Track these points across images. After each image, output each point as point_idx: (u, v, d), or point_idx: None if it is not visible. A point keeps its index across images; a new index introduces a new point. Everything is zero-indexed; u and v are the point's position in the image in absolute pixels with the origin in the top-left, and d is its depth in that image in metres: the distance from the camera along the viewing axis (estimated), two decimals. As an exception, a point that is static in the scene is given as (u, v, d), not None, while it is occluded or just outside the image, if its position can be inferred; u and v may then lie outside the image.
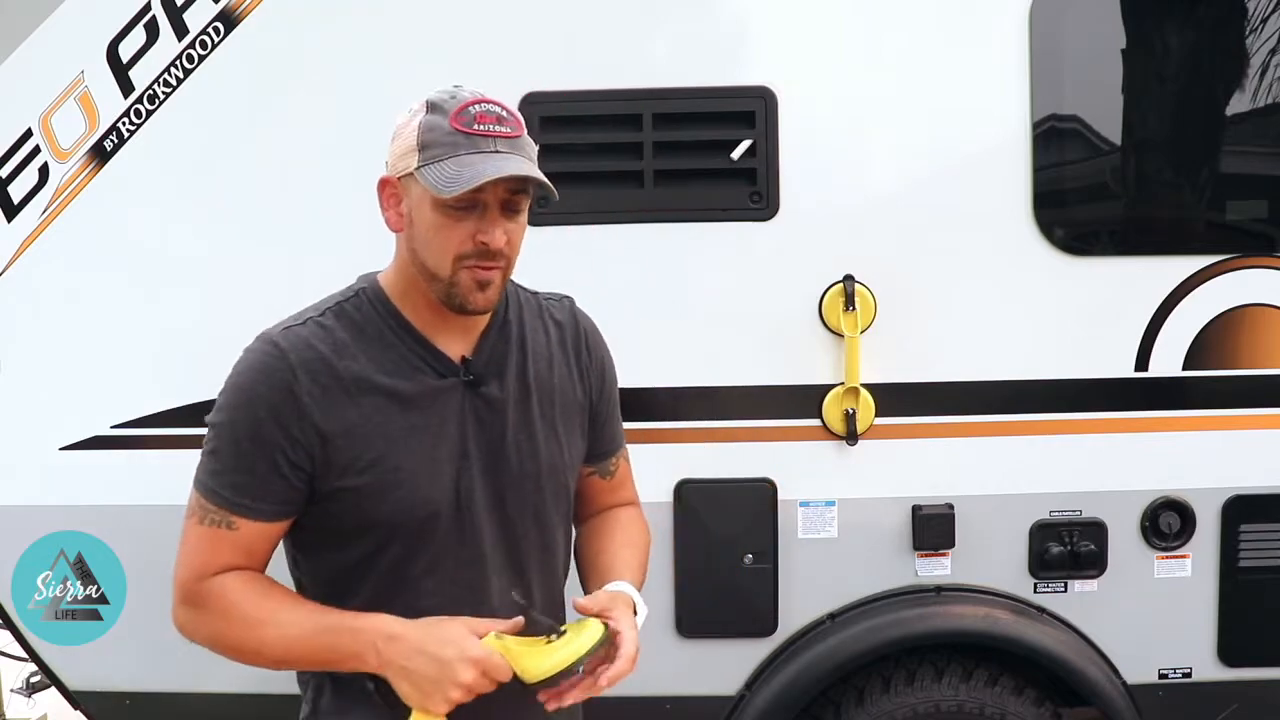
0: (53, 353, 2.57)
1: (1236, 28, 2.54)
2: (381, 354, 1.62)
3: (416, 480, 1.60)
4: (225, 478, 1.59)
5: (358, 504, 1.60)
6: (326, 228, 2.53)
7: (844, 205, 2.53)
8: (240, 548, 1.60)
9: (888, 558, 2.59)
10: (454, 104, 1.56)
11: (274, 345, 1.60)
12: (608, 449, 1.89)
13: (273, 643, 1.58)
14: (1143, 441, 2.57)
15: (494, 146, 1.53)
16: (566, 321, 1.80)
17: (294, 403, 1.56)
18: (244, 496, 1.58)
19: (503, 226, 1.56)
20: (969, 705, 2.57)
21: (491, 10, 2.51)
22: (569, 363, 1.77)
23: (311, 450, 1.57)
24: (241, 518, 1.59)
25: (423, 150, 1.54)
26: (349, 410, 1.58)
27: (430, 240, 1.57)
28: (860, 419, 2.53)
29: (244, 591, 1.59)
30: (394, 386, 1.61)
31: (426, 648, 1.52)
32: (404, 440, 1.60)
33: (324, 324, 1.63)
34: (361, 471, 1.59)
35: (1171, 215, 2.61)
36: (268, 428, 1.56)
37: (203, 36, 2.50)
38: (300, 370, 1.57)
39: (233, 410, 1.60)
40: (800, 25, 2.51)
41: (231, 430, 1.59)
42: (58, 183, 2.53)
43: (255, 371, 1.59)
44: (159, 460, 2.56)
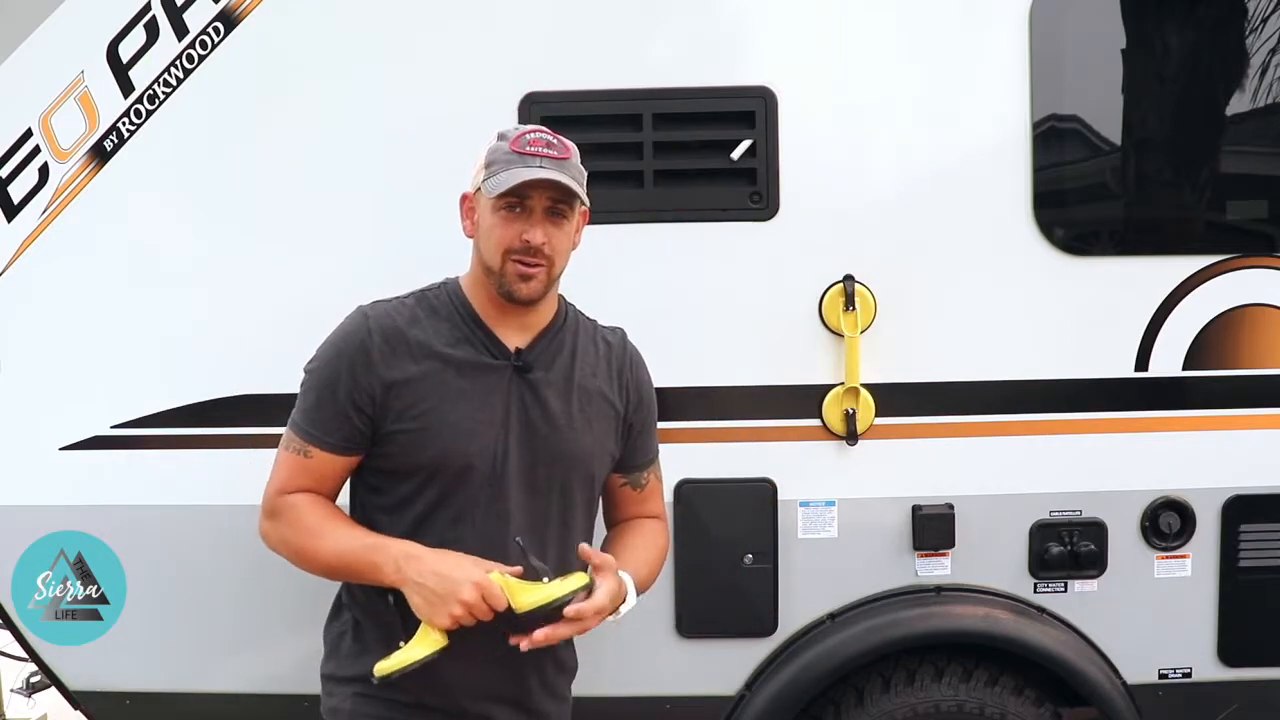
0: (53, 353, 2.57)
1: (1236, 28, 2.54)
2: (448, 331, 1.95)
3: (459, 433, 1.90)
4: (307, 414, 1.94)
5: (407, 446, 1.90)
6: (326, 227, 2.54)
7: (844, 205, 2.53)
8: (313, 473, 1.95)
9: (888, 558, 2.59)
10: (515, 133, 1.94)
11: (362, 314, 1.97)
12: (641, 462, 2.13)
13: (324, 551, 1.91)
14: (1143, 441, 2.57)
15: (539, 163, 1.89)
16: (616, 345, 2.11)
17: (366, 357, 1.91)
18: (318, 430, 1.93)
19: (542, 228, 1.90)
20: (969, 705, 2.57)
21: (491, 10, 2.51)
22: (611, 376, 2.06)
23: (374, 396, 1.90)
24: (315, 448, 1.93)
25: (487, 167, 1.92)
26: (410, 367, 1.91)
27: (488, 237, 1.92)
28: (860, 419, 2.53)
29: (309, 508, 1.94)
30: (450, 355, 1.93)
31: (439, 568, 1.82)
32: (453, 399, 1.91)
33: (406, 303, 1.99)
34: (414, 418, 1.90)
35: (1171, 215, 2.61)
36: (343, 376, 1.91)
37: (203, 36, 2.50)
38: (376, 333, 1.92)
39: (322, 360, 1.95)
40: (800, 25, 2.51)
41: (318, 376, 1.94)
42: (58, 183, 2.53)
43: (343, 332, 1.95)
44: (159, 460, 2.56)
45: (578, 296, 2.13)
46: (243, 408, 2.54)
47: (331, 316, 1.98)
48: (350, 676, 1.97)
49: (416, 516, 1.92)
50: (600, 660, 2.43)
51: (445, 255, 2.47)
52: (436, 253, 2.48)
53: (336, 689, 2.01)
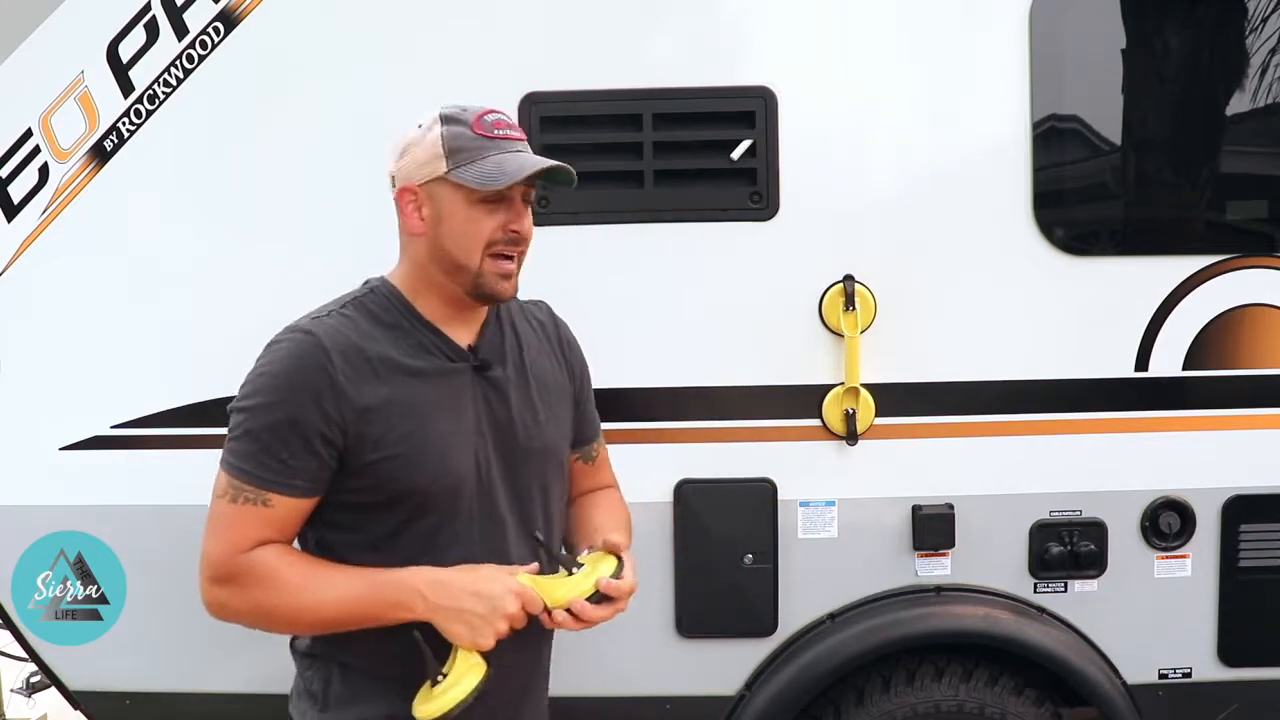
0: (53, 353, 2.57)
1: (1236, 28, 2.54)
2: (400, 340, 1.77)
3: (445, 451, 1.75)
4: (260, 458, 1.69)
5: (392, 475, 1.72)
6: (326, 228, 2.54)
7: (844, 205, 2.53)
8: (274, 523, 1.71)
9: (888, 558, 2.59)
10: (469, 115, 1.75)
11: (307, 334, 1.73)
12: (591, 435, 2.06)
13: (321, 604, 1.69)
14: (1143, 441, 2.56)
15: (515, 147, 1.75)
16: (547, 320, 2.00)
17: (330, 383, 1.69)
18: (280, 475, 1.69)
19: (526, 216, 1.78)
20: (969, 705, 2.57)
21: (491, 10, 2.51)
22: (554, 355, 1.96)
23: (346, 427, 1.69)
24: (277, 494, 1.69)
25: (452, 156, 1.72)
26: (380, 388, 1.72)
27: (463, 233, 1.74)
28: (860, 419, 2.53)
29: (284, 560, 1.71)
30: (415, 366, 1.76)
31: (475, 587, 1.67)
32: (431, 415, 1.75)
33: (347, 315, 1.77)
34: (396, 443, 1.71)
35: (1171, 215, 2.61)
36: (306, 409, 1.68)
37: (203, 36, 2.50)
38: (334, 353, 1.70)
39: (270, 394, 1.70)
40: (800, 25, 2.51)
41: (269, 413, 1.69)
42: (58, 183, 2.53)
43: (292, 358, 1.71)
44: (159, 460, 2.56)
45: (578, 297, 2.13)
46: (243, 408, 2.54)
47: (331, 316, 1.97)
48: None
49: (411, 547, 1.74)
50: (600, 660, 2.43)
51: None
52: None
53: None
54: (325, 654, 1.82)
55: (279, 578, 1.69)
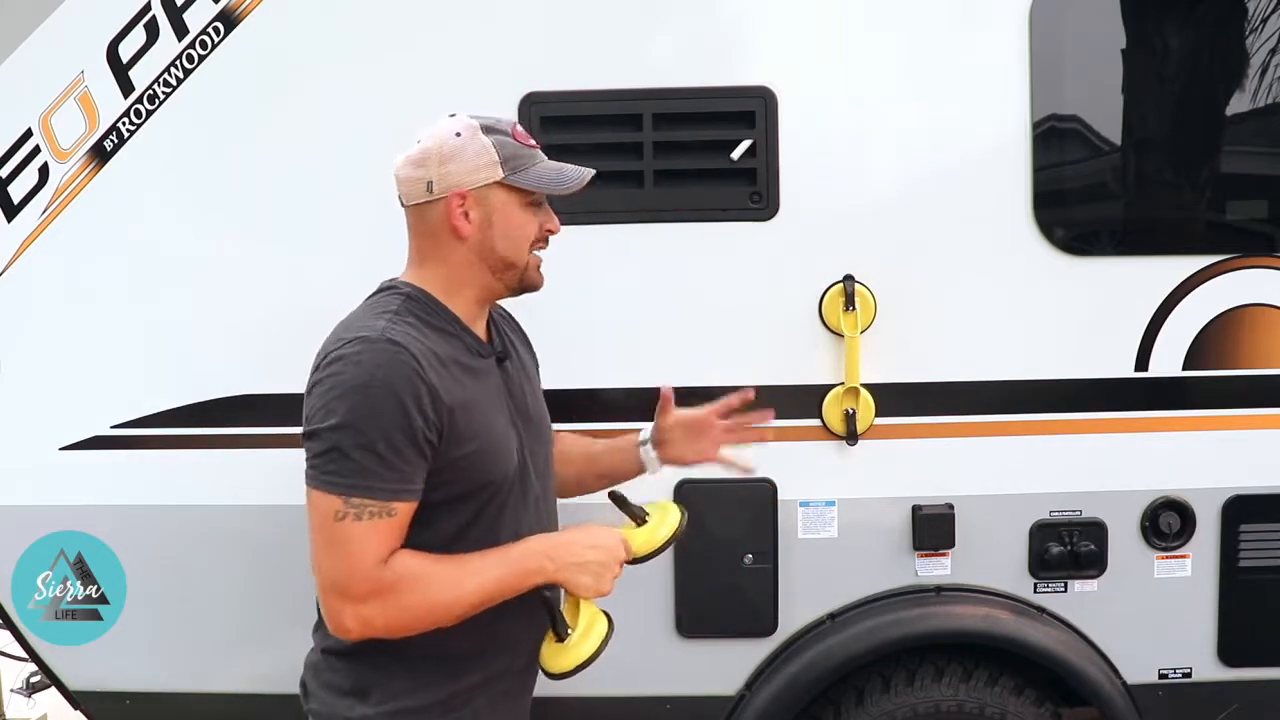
0: (53, 353, 2.57)
1: (1236, 28, 2.54)
2: (451, 342, 1.84)
3: (505, 441, 1.86)
4: (378, 471, 1.68)
5: (473, 468, 1.79)
6: (327, 228, 2.54)
7: (844, 205, 2.53)
8: (398, 530, 1.73)
9: (888, 558, 2.59)
10: (505, 124, 1.87)
11: (390, 342, 1.72)
12: None
13: (472, 591, 1.75)
14: (1143, 441, 2.56)
15: (544, 155, 1.90)
16: (507, 314, 2.11)
17: (425, 386, 1.71)
18: (401, 483, 1.71)
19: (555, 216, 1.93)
20: (969, 705, 2.57)
21: (491, 10, 2.51)
22: (524, 342, 2.11)
23: (441, 426, 1.74)
24: (400, 502, 1.72)
25: (507, 162, 1.83)
26: (457, 387, 1.78)
27: (515, 234, 1.86)
28: (860, 419, 2.53)
29: (428, 561, 1.74)
30: (472, 365, 1.85)
31: (593, 541, 1.82)
32: (491, 409, 1.86)
33: (408, 322, 1.79)
34: (473, 438, 1.79)
35: (1171, 215, 2.61)
36: (410, 412, 1.69)
37: (203, 36, 2.50)
38: (421, 358, 1.73)
39: (368, 408, 1.68)
40: (800, 25, 2.51)
41: (378, 424, 1.68)
42: (58, 183, 2.53)
43: (382, 368, 1.70)
44: (159, 460, 2.56)
45: (578, 297, 2.13)
46: (243, 408, 2.54)
47: (332, 316, 1.96)
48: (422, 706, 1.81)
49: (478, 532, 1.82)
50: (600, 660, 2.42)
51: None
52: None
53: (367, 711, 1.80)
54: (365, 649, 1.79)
55: (429, 577, 1.73)
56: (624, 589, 1.94)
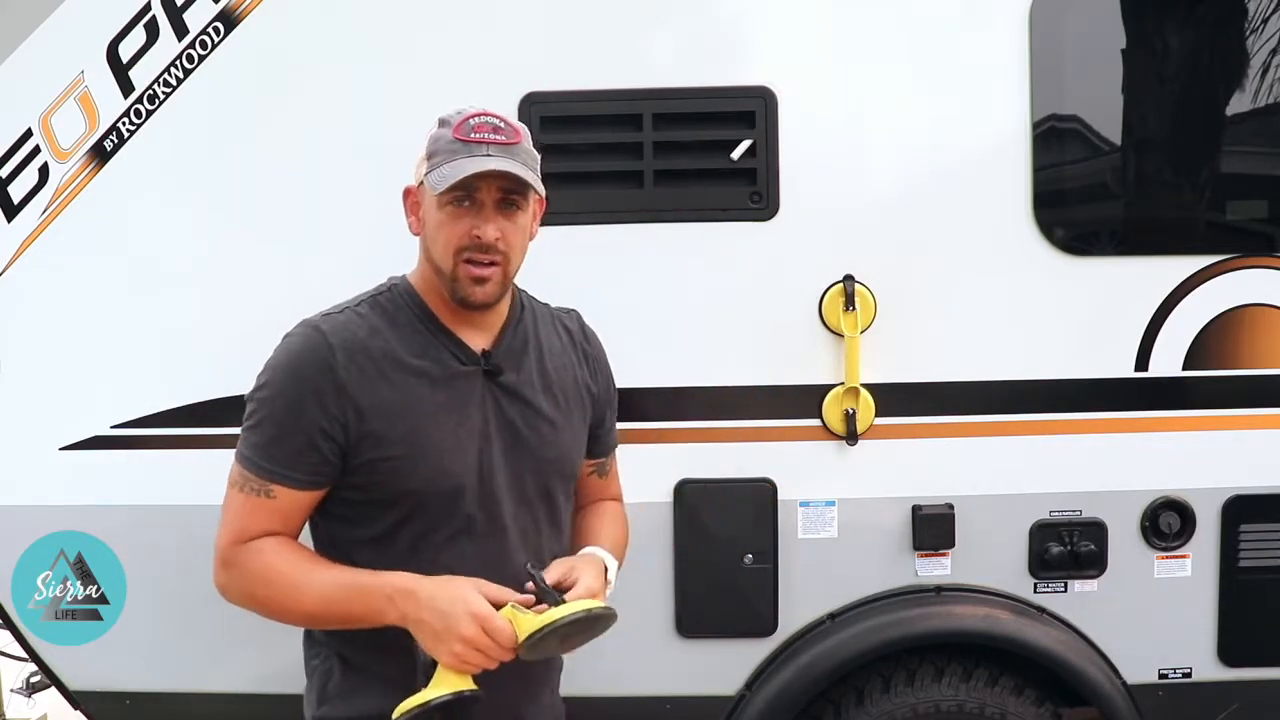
0: (53, 353, 2.57)
1: (1236, 28, 2.54)
2: (410, 339, 1.78)
3: (443, 453, 1.75)
4: (265, 450, 1.73)
5: (389, 475, 1.74)
6: (327, 227, 2.54)
7: (844, 205, 2.53)
8: (277, 514, 1.75)
9: (888, 558, 2.59)
10: (458, 118, 1.75)
11: (315, 329, 1.76)
12: (608, 449, 2.08)
13: (306, 600, 1.72)
14: (1143, 441, 2.56)
15: (485, 151, 1.72)
16: (575, 330, 2.00)
17: (333, 379, 1.71)
18: (282, 466, 1.73)
19: (495, 223, 1.74)
20: (969, 705, 2.57)
21: (491, 10, 2.51)
22: (578, 365, 1.96)
23: (347, 424, 1.72)
24: (279, 486, 1.73)
25: (429, 159, 1.75)
26: (382, 387, 1.73)
27: (436, 236, 1.76)
28: (860, 419, 2.53)
29: (279, 554, 1.74)
30: (421, 367, 1.77)
31: (435, 603, 1.63)
32: (432, 416, 1.75)
33: (360, 312, 1.80)
34: (394, 443, 1.73)
35: (1171, 215, 2.61)
36: (308, 403, 1.71)
37: (203, 36, 2.50)
38: (339, 350, 1.73)
39: (274, 387, 1.74)
40: (800, 25, 2.51)
41: (272, 406, 1.74)
42: (58, 183, 2.53)
43: (297, 352, 1.75)
44: (159, 460, 2.56)
45: (578, 297, 2.13)
46: (242, 408, 2.53)
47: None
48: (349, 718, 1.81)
49: (406, 546, 1.75)
50: (600, 660, 2.42)
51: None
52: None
53: None
54: (328, 644, 1.84)
55: (270, 570, 1.73)
56: (625, 589, 1.95)
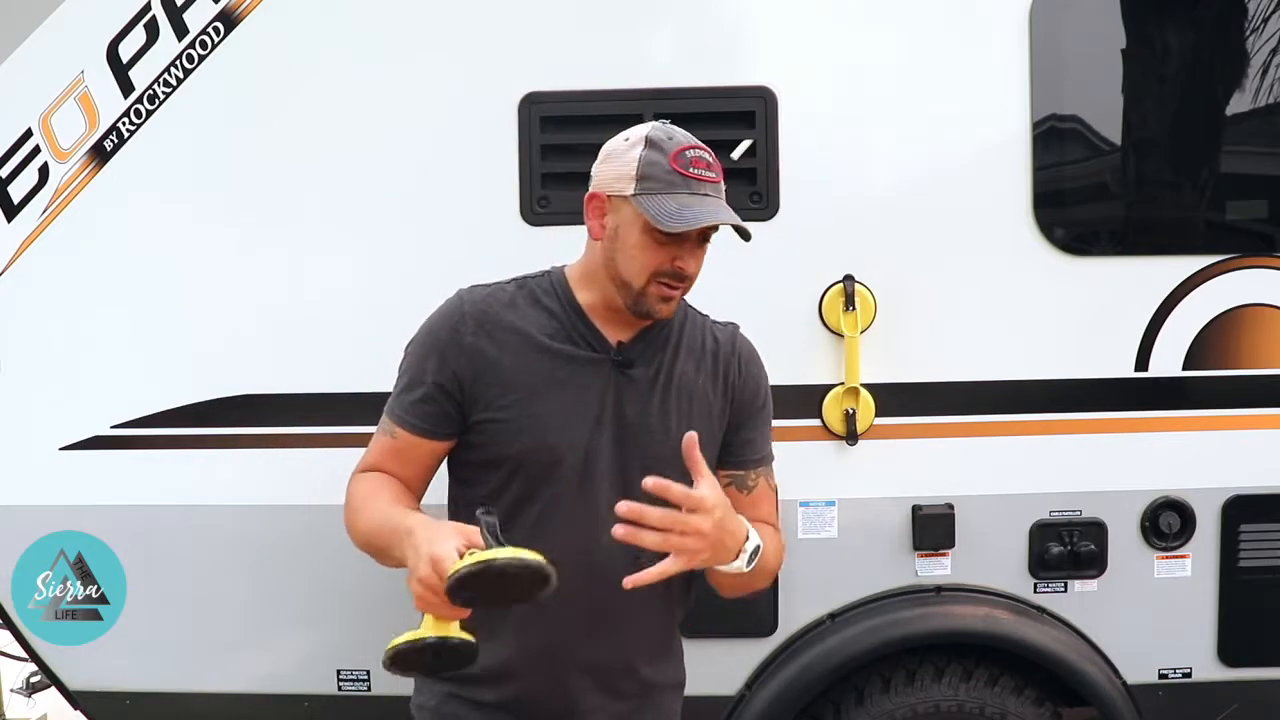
0: (53, 353, 2.57)
1: (1236, 28, 2.54)
2: (546, 320, 1.88)
3: (547, 427, 1.83)
4: (397, 396, 1.90)
5: (495, 436, 1.85)
6: (327, 228, 2.54)
7: (844, 205, 2.53)
8: (398, 456, 1.90)
9: (888, 558, 2.59)
10: (672, 145, 1.80)
11: (459, 297, 1.91)
12: (746, 459, 2.02)
13: (362, 526, 1.84)
14: (1143, 441, 2.56)
15: (705, 190, 1.80)
16: (725, 341, 2.01)
17: (457, 339, 1.85)
18: (404, 411, 1.88)
19: (697, 256, 1.85)
20: (969, 705, 2.57)
21: (491, 10, 2.51)
22: (716, 373, 1.97)
23: (462, 383, 1.84)
24: (401, 429, 1.89)
25: (641, 180, 1.79)
26: (504, 355, 1.84)
27: (633, 256, 1.81)
28: (860, 419, 2.53)
29: (367, 484, 1.89)
30: (550, 346, 1.86)
31: (415, 541, 1.65)
32: (545, 392, 1.84)
33: (506, 289, 1.92)
34: (504, 408, 1.84)
35: (1171, 215, 2.61)
36: (432, 359, 1.86)
37: (203, 36, 2.50)
38: (470, 317, 1.86)
39: (416, 341, 1.91)
40: (800, 25, 2.51)
41: (410, 357, 1.90)
42: (58, 183, 2.53)
43: (439, 313, 1.90)
44: (159, 460, 2.56)
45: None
46: (243, 408, 2.54)
47: (331, 316, 1.97)
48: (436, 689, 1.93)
49: (505, 510, 1.82)
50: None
51: (447, 255, 2.48)
52: (437, 253, 2.49)
53: (426, 685, 1.96)
54: None
55: (354, 496, 1.88)
56: (624, 589, 1.94)
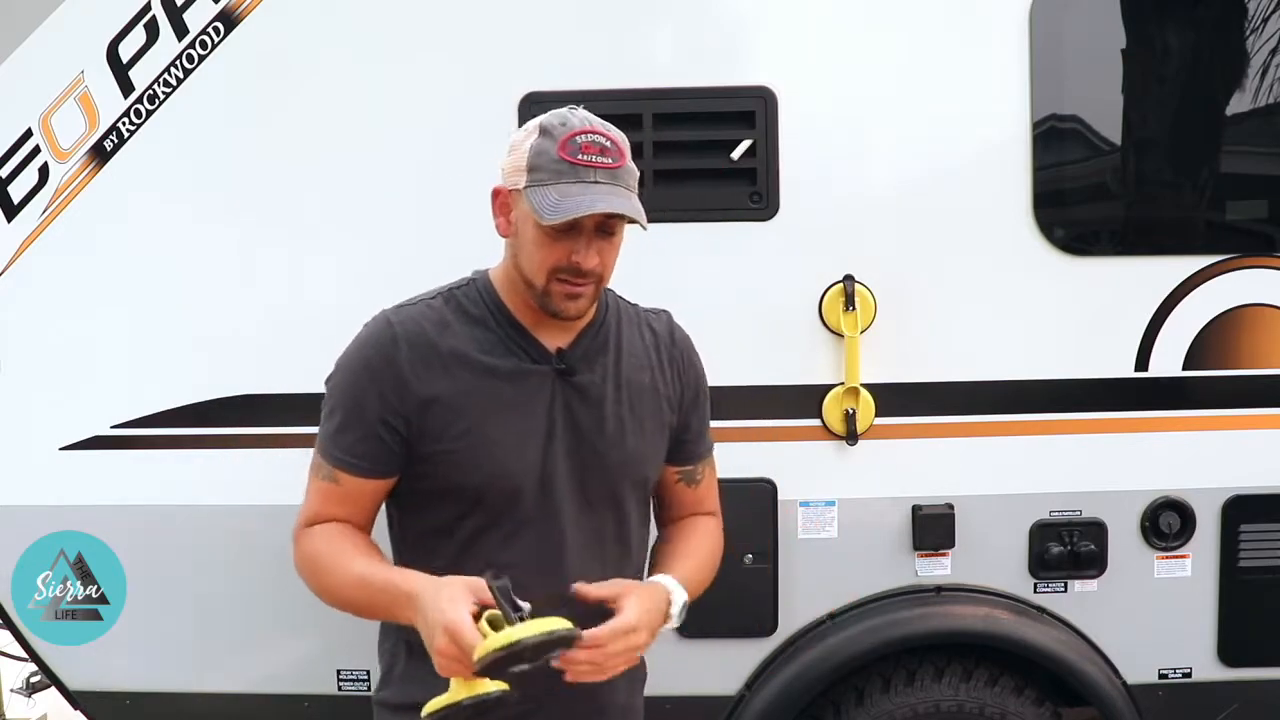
0: (53, 353, 2.57)
1: (1236, 28, 2.54)
2: (482, 335, 1.77)
3: (505, 452, 1.73)
4: (332, 437, 1.76)
5: (449, 469, 1.73)
6: (326, 227, 2.54)
7: (844, 205, 2.53)
8: (344, 500, 1.77)
9: (888, 558, 2.59)
10: (563, 131, 1.67)
11: (385, 320, 1.77)
12: (696, 453, 1.97)
13: (338, 589, 1.73)
14: (1143, 441, 2.56)
15: (594, 177, 1.65)
16: (663, 332, 1.94)
17: (395, 371, 1.72)
18: (345, 454, 1.75)
19: (596, 248, 1.70)
20: (969, 705, 2.57)
21: (491, 10, 2.51)
22: (660, 368, 1.89)
23: (408, 416, 1.72)
24: (343, 472, 1.75)
25: (530, 172, 1.67)
26: (445, 381, 1.73)
27: (531, 253, 1.71)
28: (860, 419, 2.53)
29: (326, 541, 1.75)
30: (489, 364, 1.75)
31: (425, 611, 1.57)
32: (495, 413, 1.74)
33: (433, 305, 1.79)
34: (456, 438, 1.72)
35: (1171, 215, 2.61)
36: (370, 393, 1.73)
37: (203, 36, 2.50)
38: (403, 342, 1.73)
39: (344, 375, 1.77)
40: (800, 25, 2.51)
41: (341, 393, 1.76)
42: (58, 183, 2.53)
43: (366, 343, 1.76)
44: (159, 460, 2.56)
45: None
46: (243, 408, 2.54)
47: (331, 316, 1.96)
48: (402, 704, 1.77)
49: (464, 540, 1.75)
50: (600, 660, 2.42)
51: (446, 255, 2.47)
52: (436, 253, 2.49)
53: (388, 717, 1.84)
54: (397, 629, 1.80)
55: (318, 558, 1.75)
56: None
